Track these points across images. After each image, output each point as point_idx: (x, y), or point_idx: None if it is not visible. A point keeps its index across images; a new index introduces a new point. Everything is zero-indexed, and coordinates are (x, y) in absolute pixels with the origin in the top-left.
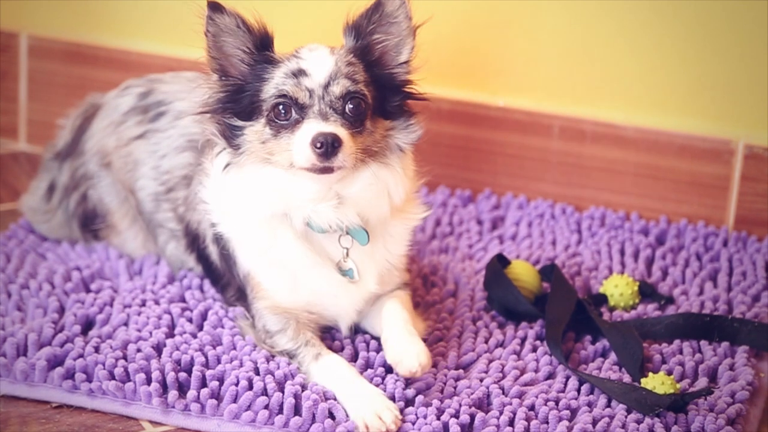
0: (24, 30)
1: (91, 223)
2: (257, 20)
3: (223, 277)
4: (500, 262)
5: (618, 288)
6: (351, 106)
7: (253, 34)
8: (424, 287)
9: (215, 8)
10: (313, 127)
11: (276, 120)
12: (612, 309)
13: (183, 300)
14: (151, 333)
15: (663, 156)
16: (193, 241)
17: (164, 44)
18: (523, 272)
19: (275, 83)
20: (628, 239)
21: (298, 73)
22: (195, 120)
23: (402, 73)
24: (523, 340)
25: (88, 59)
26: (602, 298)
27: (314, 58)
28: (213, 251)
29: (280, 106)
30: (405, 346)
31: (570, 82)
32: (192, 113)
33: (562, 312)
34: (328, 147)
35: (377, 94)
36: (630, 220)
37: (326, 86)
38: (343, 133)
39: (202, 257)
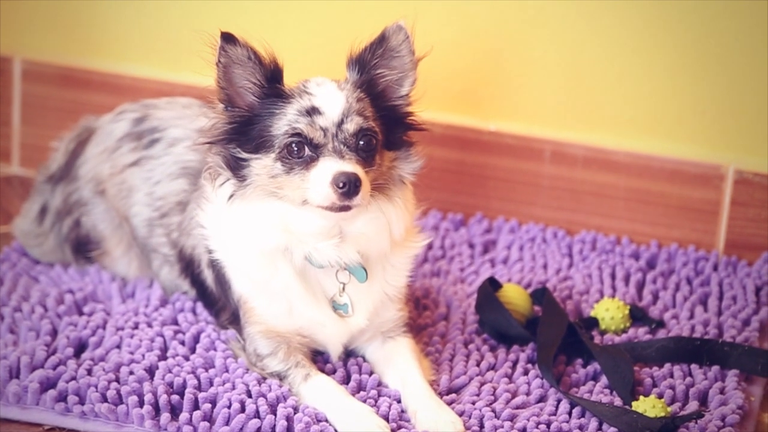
0: (18, 54)
1: (84, 249)
2: (268, 52)
3: (218, 301)
4: (492, 285)
5: (609, 311)
6: (363, 142)
7: (264, 67)
8: (416, 310)
9: (228, 39)
10: (331, 165)
11: (289, 157)
12: (603, 332)
13: (175, 323)
14: (143, 355)
15: (654, 181)
16: (188, 266)
17: (157, 68)
18: (514, 296)
19: (288, 120)
20: (618, 263)
21: (312, 111)
22: (194, 148)
23: (403, 105)
24: (515, 363)
25: (81, 83)
26: (593, 322)
27: (325, 95)
28: (208, 276)
29: (293, 145)
30: (436, 416)
31: (561, 107)
32: (195, 143)
33: (554, 335)
34: (351, 186)
35: (383, 128)
36: (621, 244)
37: (340, 124)
38: (360, 171)
39: (197, 282)
